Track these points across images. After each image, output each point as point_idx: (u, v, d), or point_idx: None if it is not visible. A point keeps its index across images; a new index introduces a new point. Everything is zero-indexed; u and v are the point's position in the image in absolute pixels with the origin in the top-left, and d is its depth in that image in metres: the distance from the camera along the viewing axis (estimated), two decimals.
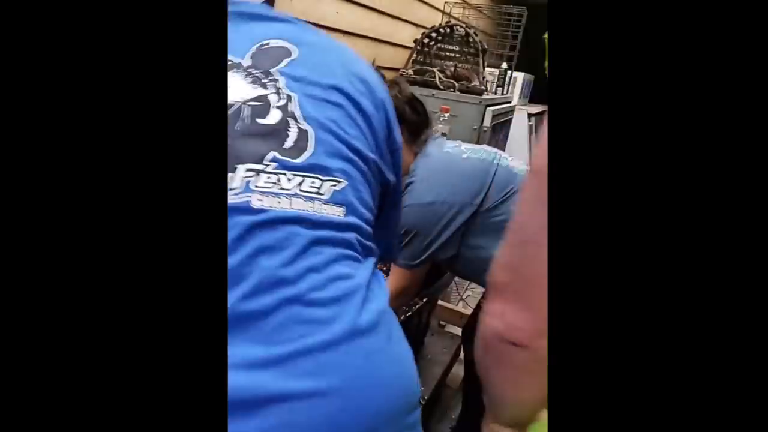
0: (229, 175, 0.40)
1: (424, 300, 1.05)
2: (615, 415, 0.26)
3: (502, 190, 0.93)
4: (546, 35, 0.34)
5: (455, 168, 0.96)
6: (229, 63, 0.46)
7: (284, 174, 0.41)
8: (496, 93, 2.08)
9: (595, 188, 0.27)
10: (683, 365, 0.25)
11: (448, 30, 1.90)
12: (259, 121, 0.43)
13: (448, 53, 1.98)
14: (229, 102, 0.43)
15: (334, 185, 0.44)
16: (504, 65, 2.13)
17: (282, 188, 0.41)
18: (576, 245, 0.28)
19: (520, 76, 2.84)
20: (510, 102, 2.21)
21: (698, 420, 0.25)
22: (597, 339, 0.26)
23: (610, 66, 0.27)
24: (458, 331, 1.45)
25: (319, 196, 0.42)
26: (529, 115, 2.80)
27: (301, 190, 0.42)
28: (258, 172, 0.41)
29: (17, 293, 0.19)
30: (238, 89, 0.44)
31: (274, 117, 0.43)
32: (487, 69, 2.04)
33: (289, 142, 0.43)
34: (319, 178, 0.43)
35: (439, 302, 1.47)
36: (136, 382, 0.22)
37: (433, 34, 1.90)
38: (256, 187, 0.40)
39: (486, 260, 0.51)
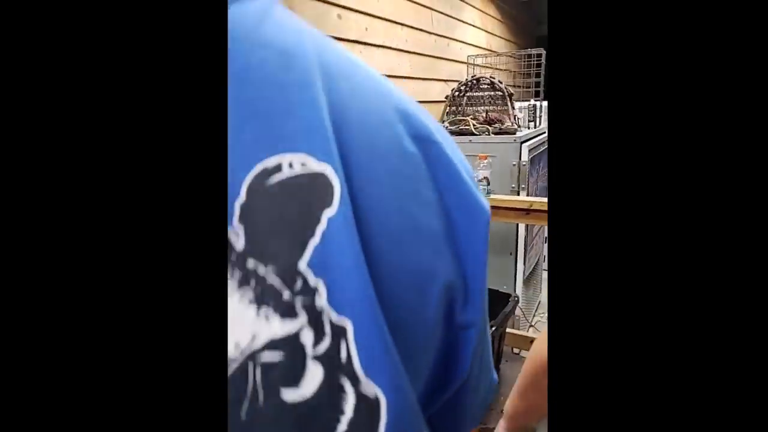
0: None
1: (493, 328, 1.18)
2: (615, 418, 0.26)
3: None
4: None
5: None
6: None
7: None
8: (529, 128, 2.22)
9: (595, 194, 0.26)
10: (685, 372, 0.24)
11: (475, 81, 2.10)
12: (286, 396, 0.21)
13: (477, 100, 2.17)
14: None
15: None
16: (532, 101, 2.29)
17: None
18: (575, 250, 0.26)
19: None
20: (544, 132, 2.34)
21: (699, 423, 0.24)
22: (597, 346, 0.26)
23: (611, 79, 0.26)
24: None
25: None
26: None
27: None
28: None
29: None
30: (233, 320, 0.20)
31: (312, 381, 0.21)
32: (517, 104, 2.20)
33: (342, 426, 0.21)
34: None
35: (508, 330, 1.57)
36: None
37: (462, 87, 2.10)
38: None
39: None
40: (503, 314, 1.25)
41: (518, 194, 1.89)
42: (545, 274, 2.60)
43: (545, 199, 1.37)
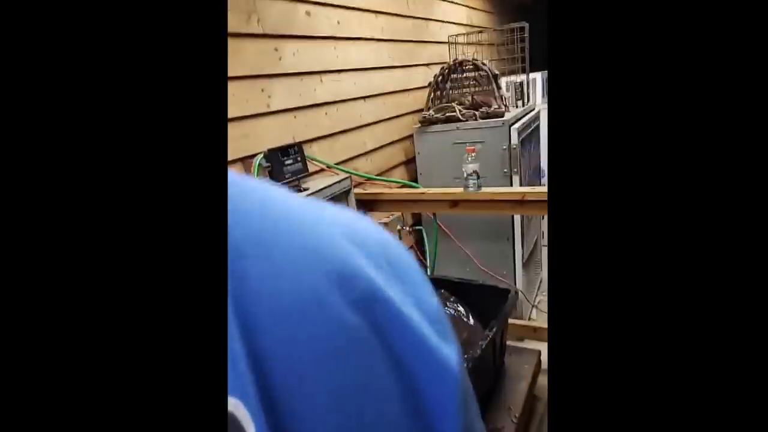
0: None
1: (494, 330, 1.15)
2: (615, 417, 0.26)
3: None
4: None
5: None
6: None
7: None
8: (517, 106, 2.16)
9: (595, 192, 0.27)
10: (684, 371, 0.25)
11: (458, 65, 2.03)
12: None
13: (462, 82, 2.10)
14: None
15: None
16: (518, 79, 2.22)
17: None
18: (576, 248, 0.27)
19: (538, 77, 2.89)
20: (534, 109, 2.28)
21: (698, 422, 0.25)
22: (597, 344, 0.27)
23: (611, 71, 0.26)
24: (535, 345, 1.53)
25: None
26: None
27: None
28: None
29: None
30: None
31: None
32: (504, 79, 2.12)
33: None
34: None
35: (510, 321, 1.55)
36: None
37: (445, 72, 2.03)
38: None
39: None
40: (503, 313, 1.22)
41: (510, 179, 1.85)
42: (545, 251, 2.57)
43: (539, 189, 1.33)
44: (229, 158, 1.20)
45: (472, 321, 1.35)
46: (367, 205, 1.54)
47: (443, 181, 1.89)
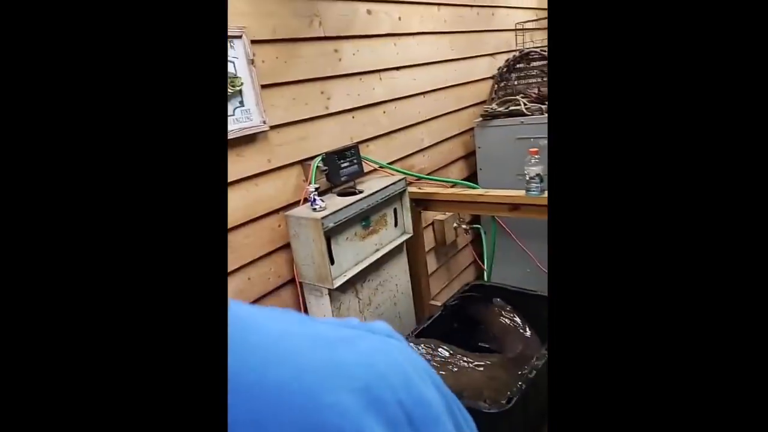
0: None
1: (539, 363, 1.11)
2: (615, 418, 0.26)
3: None
4: None
5: None
6: None
7: None
8: None
9: (596, 191, 0.27)
10: (684, 370, 0.25)
11: (524, 55, 1.93)
12: None
13: (528, 72, 2.00)
14: None
15: None
16: None
17: None
18: (576, 247, 0.27)
19: None
20: None
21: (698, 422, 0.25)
22: (596, 344, 0.27)
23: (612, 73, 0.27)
24: None
25: None
26: None
27: None
28: None
29: None
30: None
31: None
32: None
33: None
34: None
35: None
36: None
37: (510, 63, 1.94)
38: None
39: None
40: None
41: None
42: None
43: None
44: (288, 161, 1.24)
45: (528, 333, 1.31)
46: (421, 204, 1.53)
47: (504, 178, 1.83)
